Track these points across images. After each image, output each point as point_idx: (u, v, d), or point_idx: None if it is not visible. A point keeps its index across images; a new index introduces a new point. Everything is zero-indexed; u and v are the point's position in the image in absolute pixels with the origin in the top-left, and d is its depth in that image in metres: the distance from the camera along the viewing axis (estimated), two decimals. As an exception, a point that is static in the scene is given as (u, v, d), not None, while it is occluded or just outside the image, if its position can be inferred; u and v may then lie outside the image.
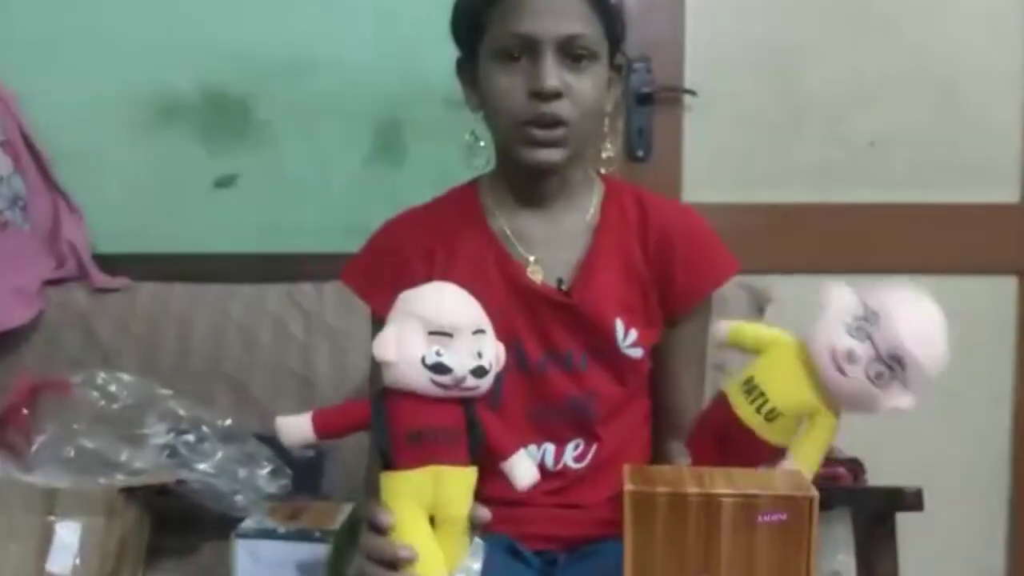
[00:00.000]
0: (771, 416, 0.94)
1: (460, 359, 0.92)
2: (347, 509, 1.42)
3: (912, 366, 0.90)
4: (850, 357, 0.90)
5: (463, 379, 0.92)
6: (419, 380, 0.91)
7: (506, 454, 0.98)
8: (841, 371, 0.90)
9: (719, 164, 1.88)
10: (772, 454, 0.93)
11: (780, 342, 0.98)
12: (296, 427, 0.97)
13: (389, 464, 0.93)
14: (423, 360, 0.91)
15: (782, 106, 1.87)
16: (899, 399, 0.90)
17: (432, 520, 0.94)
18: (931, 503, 1.38)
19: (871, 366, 0.90)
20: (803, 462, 0.91)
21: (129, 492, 1.34)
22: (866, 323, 0.91)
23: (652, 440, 1.24)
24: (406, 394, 0.93)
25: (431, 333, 0.92)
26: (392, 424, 0.93)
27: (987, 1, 1.86)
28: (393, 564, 0.91)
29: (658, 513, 0.80)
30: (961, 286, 1.91)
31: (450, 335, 0.92)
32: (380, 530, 0.93)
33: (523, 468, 0.97)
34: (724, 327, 1.00)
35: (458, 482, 0.94)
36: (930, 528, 1.45)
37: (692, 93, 1.84)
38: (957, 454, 1.91)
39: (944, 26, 1.86)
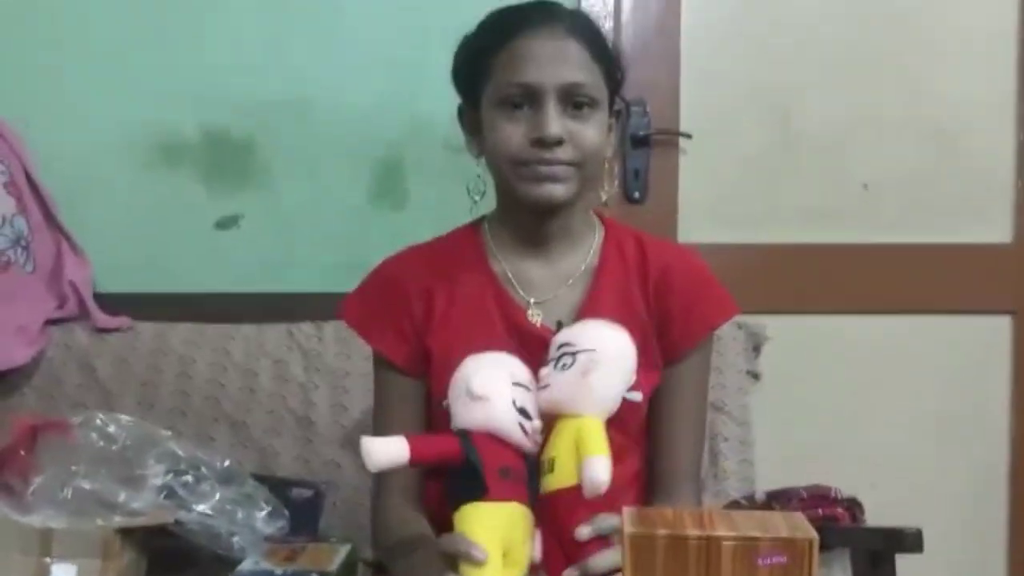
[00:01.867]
0: (552, 465, 1.02)
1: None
2: (344, 550, 1.42)
3: (577, 345, 1.04)
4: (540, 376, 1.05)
5: (538, 428, 1.03)
6: (508, 421, 1.02)
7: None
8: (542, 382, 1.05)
9: (715, 205, 1.89)
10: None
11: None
12: (389, 448, 1.00)
13: (477, 496, 0.99)
14: (514, 402, 1.01)
15: (776, 148, 1.90)
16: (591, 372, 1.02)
17: None
18: (929, 541, 1.38)
19: (554, 366, 1.05)
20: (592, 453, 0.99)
21: (126, 533, 1.33)
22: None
23: (650, 493, 1.23)
24: (490, 434, 1.01)
25: (515, 384, 1.04)
26: (484, 458, 1.00)
27: (979, 45, 1.89)
28: None
29: (658, 556, 0.80)
30: (956, 325, 1.92)
31: (528, 388, 1.04)
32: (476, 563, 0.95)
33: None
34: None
35: (528, 523, 1.01)
36: (928, 566, 1.45)
37: (687, 136, 1.86)
38: (954, 491, 1.91)
39: (937, 69, 1.89)
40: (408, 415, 1.24)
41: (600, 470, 0.97)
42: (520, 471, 1.02)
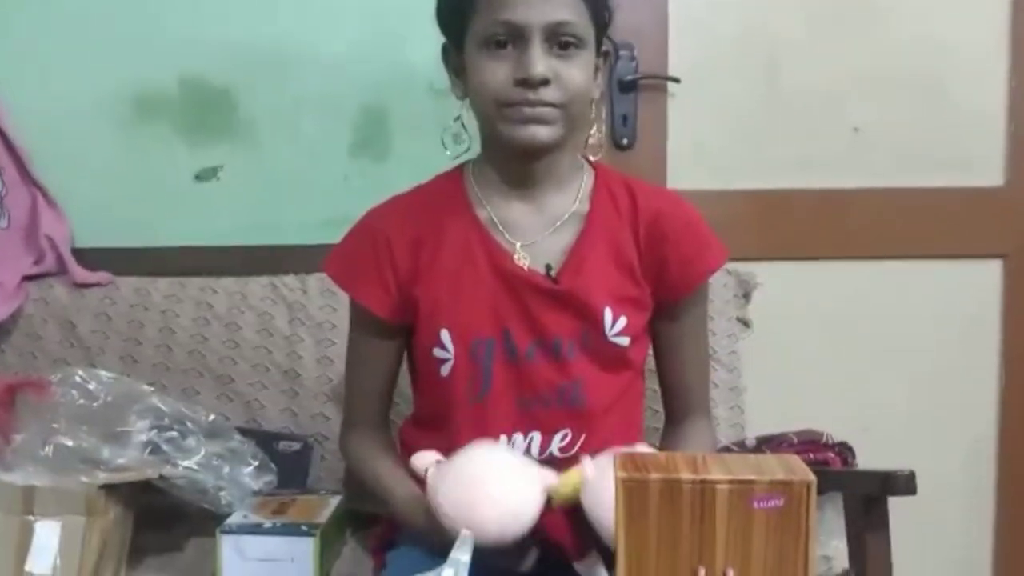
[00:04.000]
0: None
1: None
2: (334, 502, 1.41)
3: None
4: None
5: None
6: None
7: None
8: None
9: (703, 151, 1.87)
10: None
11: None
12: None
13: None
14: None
15: (766, 93, 1.87)
16: None
17: None
18: (920, 484, 1.37)
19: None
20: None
21: (110, 489, 1.32)
22: None
23: (666, 423, 1.26)
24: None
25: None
26: None
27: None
28: None
29: (651, 500, 0.79)
30: (947, 270, 1.91)
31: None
32: None
33: None
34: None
35: None
36: (917, 513, 1.45)
37: (676, 80, 1.83)
38: (944, 437, 1.91)
39: (929, 13, 1.85)
40: (384, 370, 1.26)
41: None
42: None
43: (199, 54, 1.76)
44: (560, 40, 1.10)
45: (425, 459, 1.08)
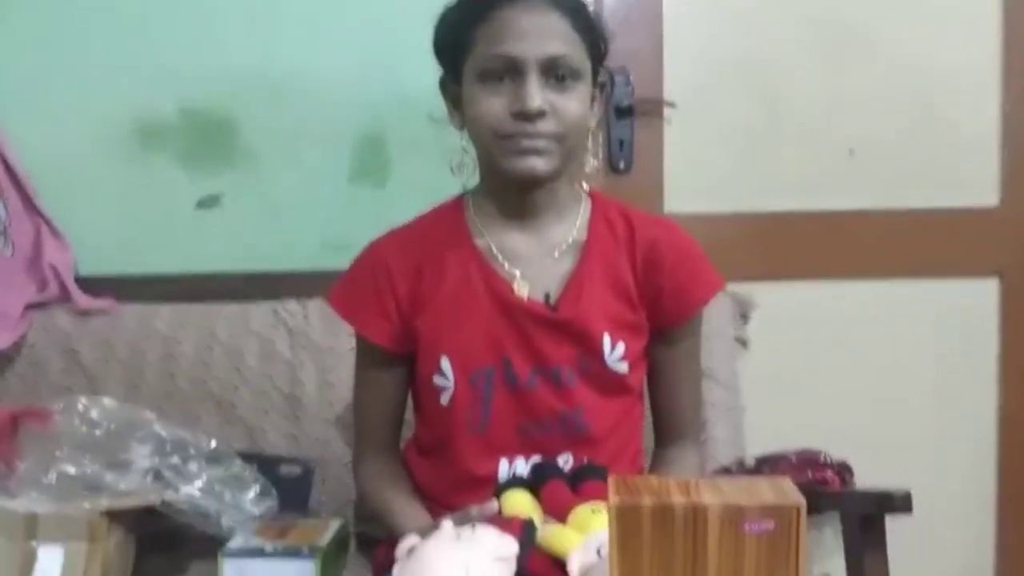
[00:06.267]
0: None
1: None
2: (335, 525, 1.42)
3: None
4: None
5: None
6: None
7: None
8: None
9: (700, 175, 1.88)
10: None
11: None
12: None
13: None
14: None
15: (761, 115, 1.88)
16: None
17: None
18: (918, 505, 1.38)
19: None
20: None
21: (113, 515, 1.33)
22: None
23: (655, 446, 1.26)
24: None
25: None
26: None
27: (964, 11, 1.87)
28: None
29: (644, 524, 0.80)
30: (943, 289, 1.92)
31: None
32: None
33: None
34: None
35: None
36: (918, 531, 1.46)
37: (672, 105, 1.85)
38: (943, 455, 1.92)
39: (923, 35, 1.87)
40: (390, 397, 1.28)
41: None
42: None
43: (199, 83, 1.78)
44: (556, 73, 1.12)
45: (406, 543, 1.07)
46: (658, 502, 0.80)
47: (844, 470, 1.59)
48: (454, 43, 1.16)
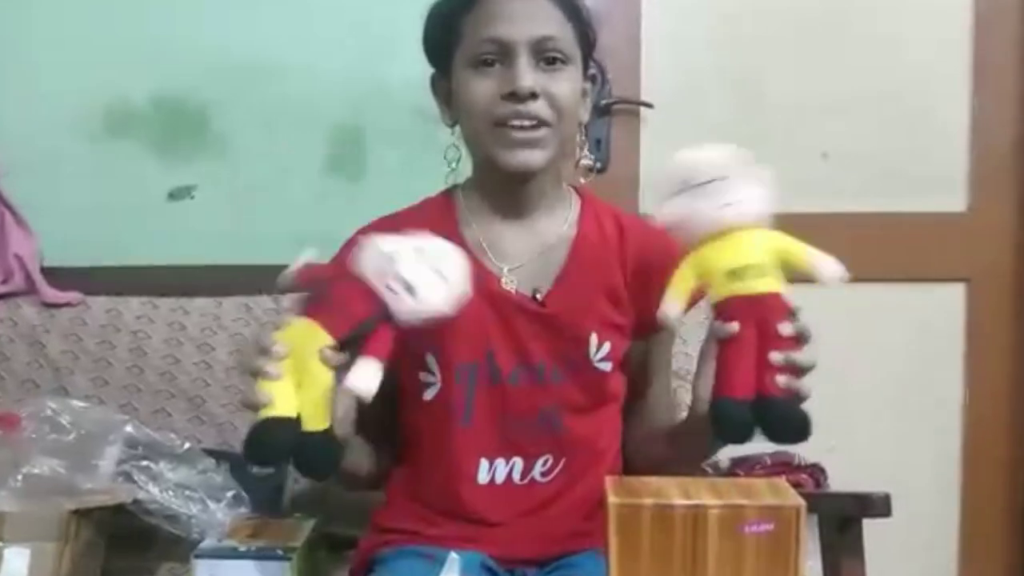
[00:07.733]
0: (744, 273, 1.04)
1: None
2: (308, 526, 1.39)
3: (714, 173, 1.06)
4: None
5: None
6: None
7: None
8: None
9: (676, 175, 1.89)
10: None
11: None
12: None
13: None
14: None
15: (737, 118, 1.90)
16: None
17: None
18: (886, 507, 1.40)
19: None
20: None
21: (82, 514, 1.30)
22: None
23: (625, 449, 1.25)
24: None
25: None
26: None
27: (935, 18, 1.90)
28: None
29: (643, 525, 0.79)
30: (910, 293, 1.95)
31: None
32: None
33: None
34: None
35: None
36: (885, 528, 1.47)
37: (649, 105, 1.85)
38: (908, 456, 1.95)
39: (895, 42, 1.90)
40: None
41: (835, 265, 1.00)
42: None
43: (172, 70, 1.75)
44: (546, 55, 1.11)
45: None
46: (658, 502, 0.79)
47: (818, 472, 1.61)
48: (444, 36, 1.15)
